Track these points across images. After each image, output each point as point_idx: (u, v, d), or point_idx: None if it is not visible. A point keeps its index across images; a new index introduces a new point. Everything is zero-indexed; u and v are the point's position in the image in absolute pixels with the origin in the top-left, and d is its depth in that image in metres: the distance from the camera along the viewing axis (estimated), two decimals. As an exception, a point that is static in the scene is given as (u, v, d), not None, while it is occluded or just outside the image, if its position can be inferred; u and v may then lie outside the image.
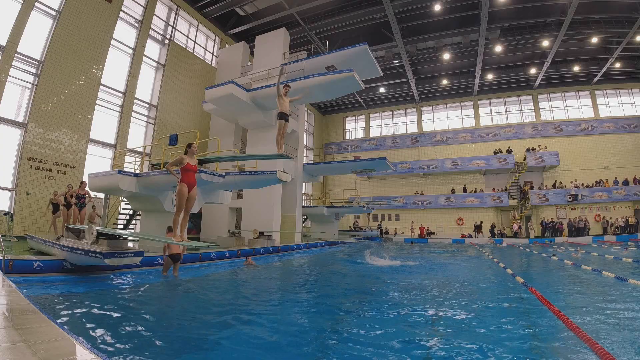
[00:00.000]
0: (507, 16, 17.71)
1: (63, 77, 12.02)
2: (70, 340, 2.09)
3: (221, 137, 14.72)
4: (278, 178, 10.93)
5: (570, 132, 24.31)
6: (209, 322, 4.01)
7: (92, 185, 9.65)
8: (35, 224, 10.83)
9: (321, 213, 21.10)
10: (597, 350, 2.57)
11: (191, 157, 5.66)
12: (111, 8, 13.64)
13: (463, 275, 7.99)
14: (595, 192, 22.35)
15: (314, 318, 4.32)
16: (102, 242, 6.00)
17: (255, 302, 5.17)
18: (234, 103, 14.09)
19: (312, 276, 8.25)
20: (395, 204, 27.19)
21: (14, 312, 2.68)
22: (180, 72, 17.17)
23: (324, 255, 13.76)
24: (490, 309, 4.63)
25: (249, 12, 18.96)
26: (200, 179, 8.25)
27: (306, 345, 3.24)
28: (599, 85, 24.15)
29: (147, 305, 4.82)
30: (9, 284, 3.81)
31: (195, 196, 5.70)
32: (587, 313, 4.28)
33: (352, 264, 10.43)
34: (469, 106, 27.52)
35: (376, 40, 19.31)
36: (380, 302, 5.11)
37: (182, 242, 5.43)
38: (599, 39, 19.04)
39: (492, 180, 25.98)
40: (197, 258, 9.15)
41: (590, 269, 7.99)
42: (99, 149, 13.55)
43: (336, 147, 31.01)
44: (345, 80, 12.12)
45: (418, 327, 3.78)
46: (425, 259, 11.88)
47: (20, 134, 11.12)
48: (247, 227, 14.63)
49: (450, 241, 22.59)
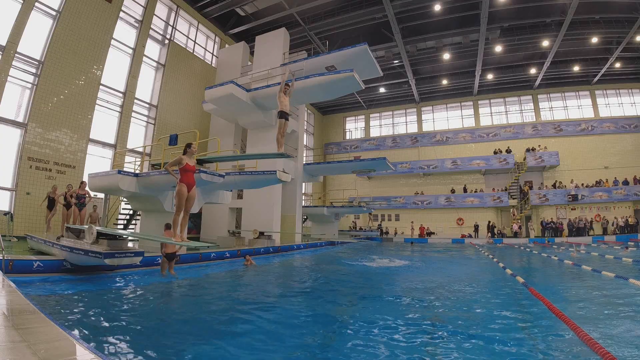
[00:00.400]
0: (507, 16, 17.70)
1: (63, 77, 12.01)
2: (70, 340, 2.09)
3: (221, 137, 14.72)
4: (278, 178, 10.93)
5: (570, 132, 24.30)
6: (209, 321, 4.02)
7: (92, 185, 9.64)
8: (35, 224, 10.82)
9: (321, 213, 21.09)
10: (598, 350, 2.57)
11: (190, 158, 5.67)
12: (111, 8, 13.64)
13: (463, 275, 7.99)
14: (595, 192, 22.33)
15: (314, 317, 4.32)
16: (102, 242, 6.01)
17: (256, 301, 5.17)
18: (234, 103, 14.09)
19: (312, 276, 8.25)
20: (395, 204, 27.18)
21: (14, 312, 2.68)
22: (180, 72, 17.16)
23: (324, 255, 13.76)
24: (490, 309, 4.62)
25: (249, 12, 18.96)
26: (200, 179, 8.25)
27: (307, 343, 3.24)
28: (599, 85, 24.13)
29: (147, 305, 4.83)
30: (9, 284, 3.82)
31: (195, 196, 5.71)
32: (587, 312, 4.27)
33: (352, 264, 10.44)
34: (469, 106, 27.52)
35: (376, 40, 19.30)
36: (380, 302, 5.11)
37: (182, 242, 5.43)
38: (599, 39, 19.03)
39: (492, 180, 25.97)
40: (197, 258, 9.15)
41: (590, 269, 7.99)
42: (99, 149, 13.55)
43: (336, 147, 31.00)
44: (345, 80, 12.12)
45: (418, 327, 3.77)
46: (425, 259, 11.88)
47: (20, 134, 11.12)
48: (247, 227, 14.63)
49: (450, 241, 22.58)
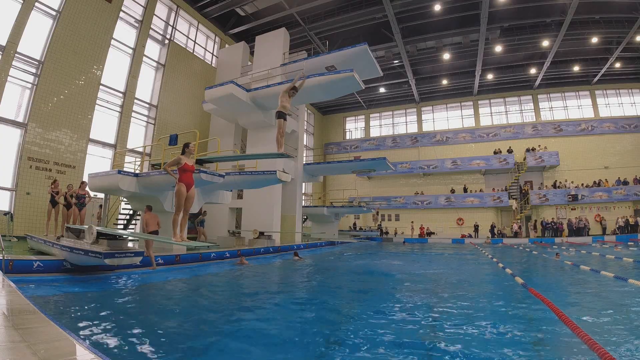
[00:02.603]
0: (507, 16, 17.70)
1: (63, 77, 12.01)
2: (70, 340, 2.10)
3: (221, 137, 14.73)
4: (278, 178, 10.94)
5: (570, 132, 24.30)
6: (209, 321, 4.02)
7: (92, 185, 9.65)
8: (35, 224, 10.82)
9: (321, 213, 21.08)
10: (597, 350, 2.58)
11: (188, 157, 5.68)
12: (111, 8, 13.64)
13: (462, 274, 7.99)
14: (595, 192, 22.32)
15: (315, 317, 4.32)
16: (102, 242, 6.01)
17: (256, 301, 5.17)
18: (234, 103, 14.09)
19: (312, 276, 8.25)
20: (395, 204, 27.17)
21: (14, 312, 2.68)
22: (180, 72, 17.16)
23: (324, 255, 13.75)
24: (490, 308, 4.63)
25: (249, 12, 18.95)
26: (200, 179, 8.26)
27: (307, 343, 3.24)
28: (599, 85, 24.12)
29: (147, 304, 4.83)
30: (9, 284, 3.82)
31: (194, 196, 5.71)
32: (587, 312, 4.27)
33: (352, 264, 10.44)
34: (469, 106, 27.51)
35: (376, 40, 19.30)
36: (380, 302, 5.11)
37: (182, 242, 5.43)
38: (599, 39, 19.02)
39: (492, 180, 25.96)
40: (197, 258, 9.16)
41: (589, 269, 7.99)
42: (99, 149, 13.55)
43: (336, 147, 30.99)
44: (345, 80, 12.12)
45: (418, 327, 3.78)
46: (424, 259, 11.88)
47: (20, 134, 11.12)
48: (247, 227, 14.63)
49: (450, 241, 22.58)
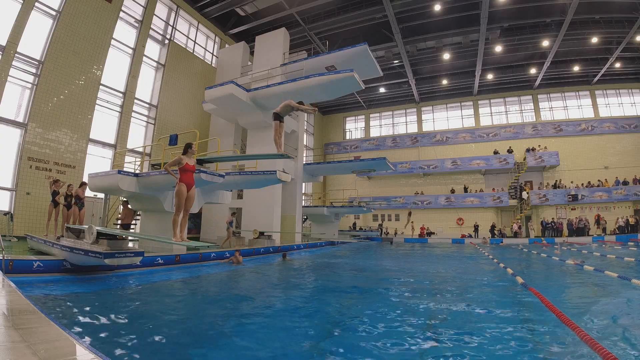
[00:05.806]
0: (507, 16, 17.70)
1: (63, 77, 12.01)
2: (70, 340, 2.09)
3: (221, 137, 14.71)
4: (278, 178, 10.93)
5: (570, 132, 24.30)
6: (209, 320, 4.01)
7: (92, 185, 9.64)
8: (35, 224, 10.81)
9: (321, 213, 21.07)
10: (599, 351, 2.57)
11: (190, 158, 5.69)
12: (111, 8, 13.63)
13: (461, 273, 7.98)
14: (595, 192, 22.32)
15: (314, 316, 4.31)
16: (102, 242, 6.00)
17: (255, 301, 5.17)
18: (234, 103, 14.09)
19: (311, 275, 8.25)
20: (396, 204, 27.17)
21: (14, 312, 2.68)
22: (180, 72, 17.16)
23: (324, 255, 13.74)
24: (490, 308, 4.62)
25: (249, 12, 18.95)
26: (200, 179, 8.25)
27: (308, 340, 3.23)
28: (599, 85, 24.13)
29: (147, 304, 4.82)
30: (9, 284, 3.81)
31: (194, 196, 5.72)
32: (587, 312, 4.27)
33: (351, 264, 10.43)
34: (469, 106, 27.51)
35: (376, 40, 19.30)
36: (379, 302, 5.10)
37: (182, 242, 5.43)
38: (599, 39, 19.02)
39: (492, 180, 25.96)
40: (197, 258, 9.15)
41: (593, 269, 7.98)
42: (99, 149, 13.54)
43: (336, 147, 30.99)
44: (345, 80, 12.12)
45: (418, 326, 3.77)
46: (424, 259, 11.88)
47: (20, 134, 11.11)
48: (247, 227, 14.63)
49: (450, 241, 22.57)
